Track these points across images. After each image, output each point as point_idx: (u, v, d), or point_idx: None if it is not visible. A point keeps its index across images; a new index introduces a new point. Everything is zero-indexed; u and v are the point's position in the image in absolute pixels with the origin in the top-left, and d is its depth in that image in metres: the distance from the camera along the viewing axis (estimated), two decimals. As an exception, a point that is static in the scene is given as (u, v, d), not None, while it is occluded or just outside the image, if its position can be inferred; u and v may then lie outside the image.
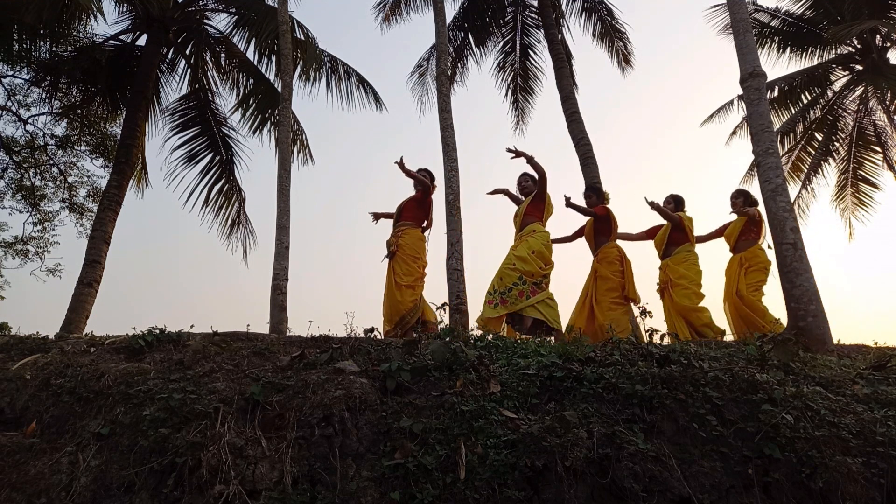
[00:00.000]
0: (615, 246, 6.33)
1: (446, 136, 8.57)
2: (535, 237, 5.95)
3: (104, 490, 2.72)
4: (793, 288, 5.69)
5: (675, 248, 6.40)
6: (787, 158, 14.51)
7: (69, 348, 3.70)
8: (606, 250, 6.28)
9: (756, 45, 7.93)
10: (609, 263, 6.20)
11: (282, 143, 7.87)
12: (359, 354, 3.56)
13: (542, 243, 5.94)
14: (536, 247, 5.85)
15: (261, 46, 10.93)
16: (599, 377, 3.19)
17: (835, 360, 4.13)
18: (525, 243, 5.88)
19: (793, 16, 13.77)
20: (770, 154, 6.25)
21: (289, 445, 2.83)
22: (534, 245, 5.86)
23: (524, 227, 6.10)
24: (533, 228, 6.04)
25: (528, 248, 5.82)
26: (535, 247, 5.85)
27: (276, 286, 6.91)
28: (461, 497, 2.58)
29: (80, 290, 9.09)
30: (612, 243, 6.33)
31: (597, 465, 2.72)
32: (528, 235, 5.99)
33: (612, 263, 6.20)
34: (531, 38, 13.79)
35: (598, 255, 6.30)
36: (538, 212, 6.16)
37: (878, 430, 2.88)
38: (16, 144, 12.26)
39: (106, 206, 9.83)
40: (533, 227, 6.06)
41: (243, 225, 11.64)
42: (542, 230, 6.06)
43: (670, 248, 6.42)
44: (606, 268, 6.18)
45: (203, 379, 3.25)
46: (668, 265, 6.37)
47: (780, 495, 2.71)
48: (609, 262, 6.21)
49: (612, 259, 6.23)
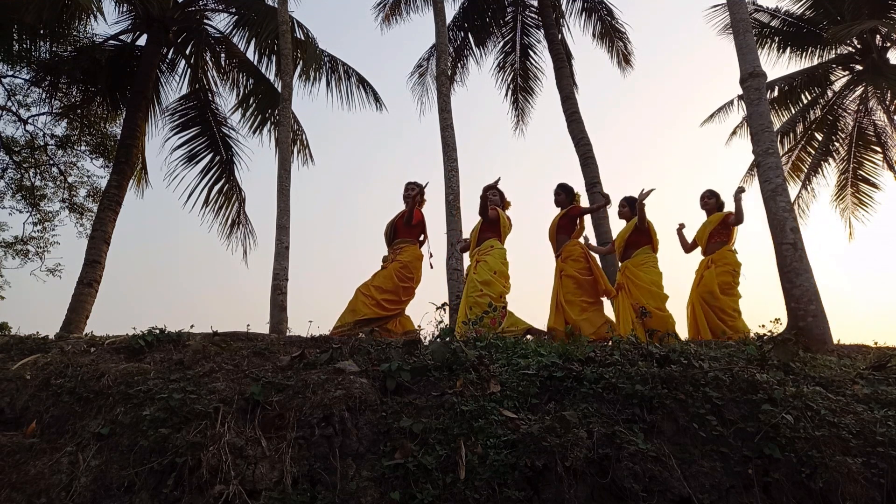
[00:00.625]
0: (578, 243, 6.25)
1: (446, 136, 8.58)
2: (492, 255, 5.86)
3: (104, 490, 2.72)
4: (793, 288, 5.69)
5: (634, 251, 6.34)
6: (787, 158, 14.51)
7: (69, 348, 3.70)
8: (570, 248, 6.19)
9: (756, 45, 7.93)
10: (574, 261, 6.11)
11: (282, 143, 7.88)
12: (359, 354, 3.56)
13: (501, 261, 5.87)
14: (496, 266, 5.78)
15: (261, 46, 10.93)
16: (599, 377, 3.19)
17: (835, 360, 4.13)
18: (484, 265, 5.78)
19: (793, 16, 13.77)
20: (770, 154, 6.25)
21: (289, 445, 2.83)
22: (493, 265, 5.78)
23: (481, 242, 6.01)
24: (491, 245, 5.95)
25: (489, 270, 5.73)
26: (495, 266, 5.78)
27: (276, 286, 6.91)
28: (461, 497, 2.58)
29: (80, 290, 9.10)
30: (574, 241, 6.25)
31: (597, 465, 2.72)
32: (485, 254, 5.90)
33: (577, 261, 6.11)
34: (531, 38, 13.80)
35: (562, 253, 6.20)
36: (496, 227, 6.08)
37: (878, 430, 2.88)
38: (16, 144, 12.26)
39: (106, 206, 9.84)
40: (490, 242, 5.97)
41: (243, 225, 11.65)
42: (500, 246, 5.99)
43: (630, 251, 6.37)
44: (572, 266, 6.08)
45: (203, 379, 3.24)
46: (627, 267, 6.31)
47: (780, 495, 2.71)
48: (574, 260, 6.12)
49: (576, 257, 6.14)
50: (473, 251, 6.04)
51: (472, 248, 6.12)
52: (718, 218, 6.51)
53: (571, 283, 6.03)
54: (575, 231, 6.31)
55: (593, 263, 6.17)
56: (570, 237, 6.27)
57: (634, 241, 6.35)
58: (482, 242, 6.00)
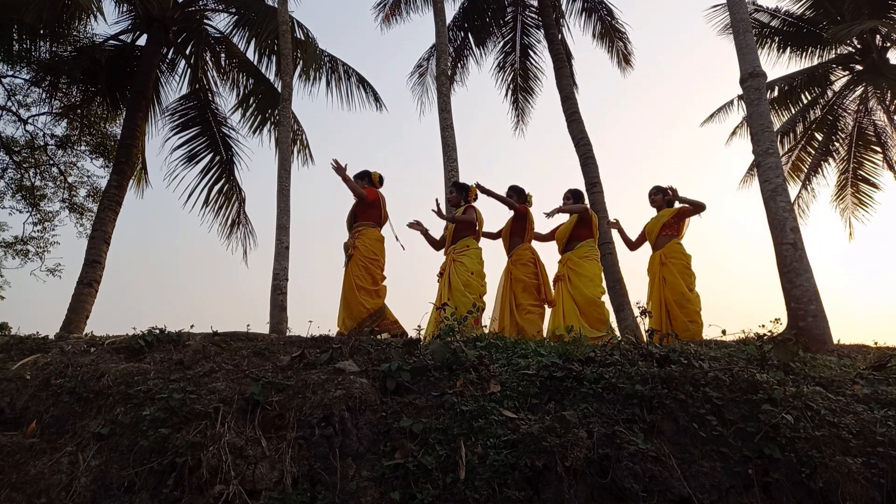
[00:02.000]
0: (529, 248, 6.31)
1: (446, 136, 8.59)
2: (468, 256, 5.87)
3: (104, 490, 2.72)
4: (793, 288, 5.70)
5: (577, 243, 6.35)
6: (787, 158, 14.51)
7: (69, 348, 3.70)
8: (521, 252, 6.24)
9: (756, 45, 7.93)
10: (523, 265, 6.17)
11: (282, 143, 7.88)
12: (359, 354, 3.56)
13: (478, 261, 5.90)
14: (473, 266, 5.81)
15: (261, 46, 10.94)
16: (599, 377, 3.19)
17: (835, 360, 4.14)
18: (462, 266, 5.79)
19: (793, 16, 13.78)
20: (770, 154, 6.26)
21: (289, 445, 2.83)
22: (470, 265, 5.81)
23: (457, 240, 5.99)
24: (466, 244, 5.95)
25: (467, 272, 5.76)
26: (472, 267, 5.81)
27: (276, 286, 6.92)
28: (461, 497, 2.58)
29: (80, 290, 9.10)
30: (526, 245, 6.30)
31: (597, 465, 2.72)
32: (461, 254, 5.90)
33: (525, 265, 6.17)
34: (531, 38, 13.81)
35: (513, 256, 6.25)
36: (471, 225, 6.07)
37: (878, 430, 2.88)
38: (16, 144, 12.27)
39: (106, 206, 9.85)
40: (466, 242, 5.97)
41: (243, 225, 11.66)
42: (476, 245, 6.01)
43: (573, 243, 6.37)
44: (521, 270, 6.15)
45: (203, 379, 3.24)
46: (570, 258, 6.31)
47: (780, 495, 2.71)
48: (523, 264, 6.17)
49: (525, 261, 6.19)
50: (449, 250, 6.04)
51: (448, 245, 6.11)
52: (671, 213, 6.43)
53: (519, 286, 6.11)
54: (527, 234, 6.35)
55: (541, 269, 6.23)
56: (523, 240, 6.32)
57: (578, 235, 6.37)
58: (458, 241, 5.99)
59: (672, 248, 6.28)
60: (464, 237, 6.00)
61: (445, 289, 5.80)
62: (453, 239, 6.05)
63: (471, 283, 5.75)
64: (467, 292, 5.63)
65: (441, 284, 5.96)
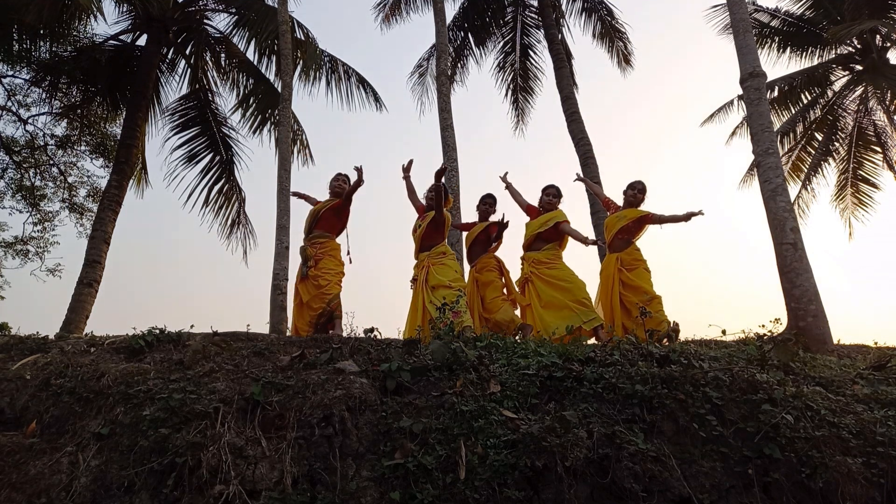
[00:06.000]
0: (493, 257, 6.32)
1: (446, 136, 8.59)
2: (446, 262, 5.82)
3: (104, 490, 2.72)
4: (793, 288, 5.70)
5: (545, 245, 6.18)
6: (787, 158, 14.52)
7: (69, 348, 3.70)
8: (486, 260, 6.25)
9: (756, 45, 7.94)
10: (489, 271, 6.21)
11: (282, 143, 7.88)
12: (359, 354, 3.56)
13: (455, 268, 5.87)
14: (451, 274, 5.75)
15: (261, 46, 10.94)
16: (599, 377, 3.19)
17: (835, 360, 4.14)
18: (442, 267, 5.74)
19: (793, 16, 13.79)
20: (770, 154, 6.26)
21: (289, 445, 2.83)
22: (453, 265, 5.82)
23: (430, 247, 5.87)
24: (442, 251, 5.88)
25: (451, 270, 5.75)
26: (455, 266, 5.85)
27: (276, 286, 6.92)
28: (461, 497, 2.58)
29: (80, 290, 9.10)
30: (490, 254, 6.32)
31: (597, 465, 2.72)
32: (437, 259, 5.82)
33: (491, 271, 6.22)
34: (531, 38, 13.82)
35: (477, 265, 6.25)
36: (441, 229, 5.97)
37: (878, 430, 2.88)
38: (16, 144, 12.28)
39: (106, 206, 9.85)
40: (441, 249, 5.89)
41: (243, 225, 11.66)
42: (451, 251, 5.99)
43: (540, 244, 6.20)
44: (486, 276, 6.19)
45: (203, 379, 3.24)
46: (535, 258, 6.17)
47: (780, 495, 2.71)
48: (489, 271, 6.22)
49: (490, 268, 6.23)
50: (423, 255, 5.90)
51: (417, 250, 5.99)
52: (637, 214, 6.21)
53: (487, 287, 6.14)
54: (491, 247, 6.36)
55: (506, 275, 6.28)
56: (486, 251, 6.33)
57: (547, 237, 6.20)
58: (431, 248, 5.87)
59: (631, 254, 6.13)
60: (436, 244, 5.91)
61: (426, 291, 5.68)
62: (426, 245, 5.92)
63: (458, 278, 5.78)
64: (455, 285, 5.60)
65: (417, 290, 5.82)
